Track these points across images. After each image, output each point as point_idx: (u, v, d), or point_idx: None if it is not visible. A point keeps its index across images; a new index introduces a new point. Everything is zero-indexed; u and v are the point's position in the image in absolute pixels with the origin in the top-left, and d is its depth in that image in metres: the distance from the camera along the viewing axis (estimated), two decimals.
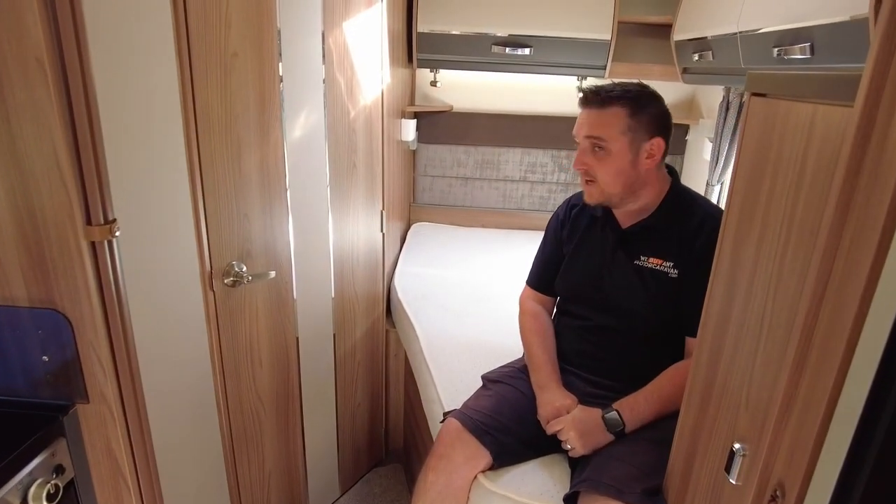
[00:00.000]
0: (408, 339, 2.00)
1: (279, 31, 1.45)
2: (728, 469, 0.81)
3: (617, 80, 1.33)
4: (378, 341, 2.14)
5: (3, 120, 0.74)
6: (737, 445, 0.83)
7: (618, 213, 1.37)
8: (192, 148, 1.27)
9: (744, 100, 2.18)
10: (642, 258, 1.32)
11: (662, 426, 1.23)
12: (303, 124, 1.60)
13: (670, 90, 3.04)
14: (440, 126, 2.92)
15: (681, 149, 2.92)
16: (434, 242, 2.77)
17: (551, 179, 3.01)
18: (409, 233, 2.89)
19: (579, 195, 1.54)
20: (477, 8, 2.50)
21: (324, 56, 1.61)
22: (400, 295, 2.16)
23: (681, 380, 1.23)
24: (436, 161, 2.99)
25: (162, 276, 1.19)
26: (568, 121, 2.92)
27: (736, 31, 1.78)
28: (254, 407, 1.63)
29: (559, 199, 3.02)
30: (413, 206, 3.05)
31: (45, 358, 0.85)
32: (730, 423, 0.88)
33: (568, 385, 1.40)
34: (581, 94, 1.33)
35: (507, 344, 1.79)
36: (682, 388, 1.25)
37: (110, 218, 0.83)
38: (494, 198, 3.06)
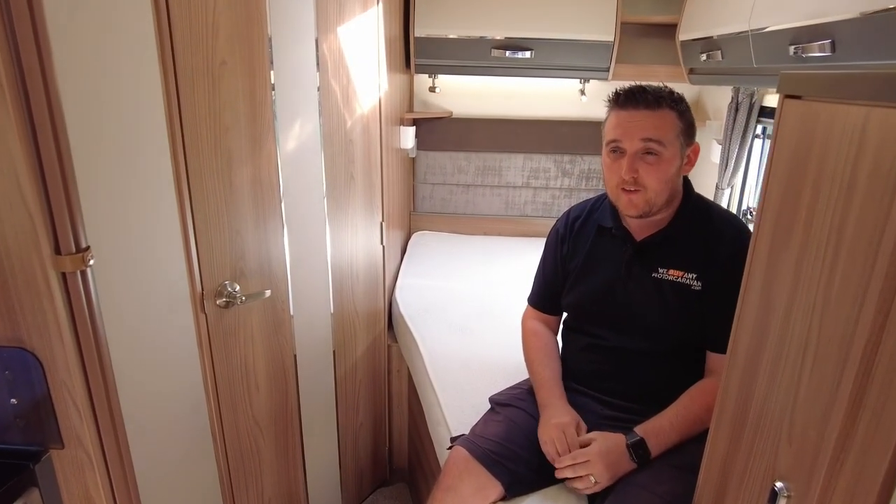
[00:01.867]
0: (411, 356, 1.92)
1: (270, 38, 1.37)
2: None
3: (641, 83, 1.23)
4: (380, 358, 2.06)
5: None
6: (779, 484, 0.75)
7: (633, 223, 1.29)
8: (179, 162, 1.20)
9: (754, 100, 2.11)
10: (661, 270, 1.24)
11: (686, 450, 1.16)
12: (297, 135, 1.52)
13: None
14: (440, 132, 2.85)
15: None
16: (436, 252, 2.70)
17: (554, 185, 2.93)
18: (409, 242, 2.81)
19: (580, 206, 1.46)
20: (476, 11, 2.43)
21: (318, 63, 1.54)
22: (402, 309, 2.08)
23: (707, 401, 1.15)
24: (436, 168, 2.92)
25: (146, 303, 1.11)
26: (570, 125, 2.92)
27: (747, 29, 1.70)
28: (251, 434, 1.54)
29: (563, 204, 2.95)
30: (413, 215, 2.97)
31: (14, 401, 0.77)
32: (769, 457, 0.80)
33: (582, 407, 1.31)
34: (621, 93, 1.21)
35: (513, 360, 1.71)
36: (708, 411, 1.17)
37: (83, 245, 0.75)
38: (497, 205, 2.99)
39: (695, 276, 1.21)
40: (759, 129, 2.22)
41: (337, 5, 1.55)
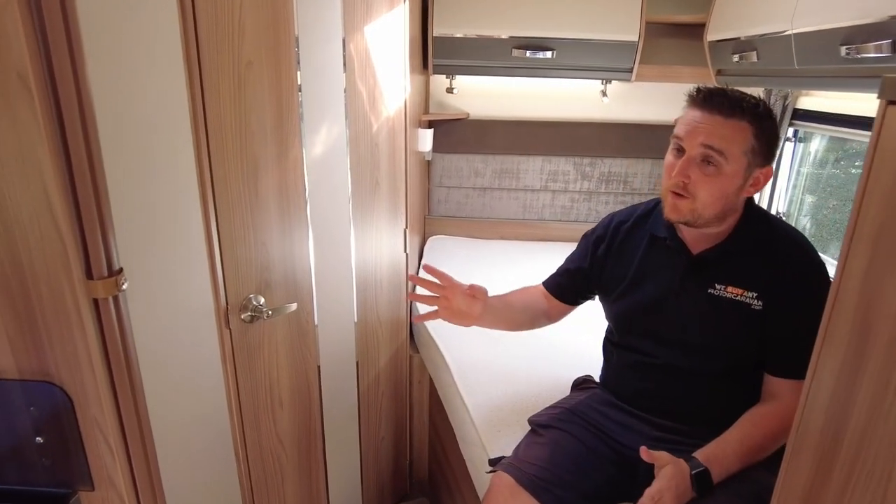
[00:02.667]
0: (436, 368, 1.85)
1: (297, 38, 1.30)
2: None
3: (735, 88, 1.13)
4: (402, 368, 1.99)
5: None
6: None
7: (689, 235, 1.21)
8: (204, 170, 1.13)
9: (787, 102, 2.04)
10: (717, 287, 1.16)
11: (748, 478, 1.08)
12: (323, 140, 1.45)
13: None
14: (456, 134, 2.77)
15: None
16: (454, 257, 2.62)
17: (574, 188, 2.85)
18: (425, 247, 2.74)
19: (626, 212, 1.38)
20: (496, 10, 2.35)
21: (344, 64, 1.46)
22: None
23: (771, 427, 1.08)
24: (452, 171, 2.84)
25: (170, 323, 1.04)
26: (590, 126, 2.84)
27: (789, 29, 1.63)
28: (275, 452, 1.47)
29: (582, 208, 2.88)
30: (428, 219, 2.89)
31: (40, 439, 0.70)
32: (874, 495, 0.72)
33: (628, 427, 1.25)
34: (699, 92, 1.11)
35: (547, 372, 1.64)
36: (771, 438, 1.11)
37: (115, 268, 0.68)
38: (514, 208, 2.91)
39: (755, 294, 1.13)
40: (790, 133, 2.15)
41: (364, 4, 1.48)
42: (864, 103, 1.76)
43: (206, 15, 1.07)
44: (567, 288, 1.43)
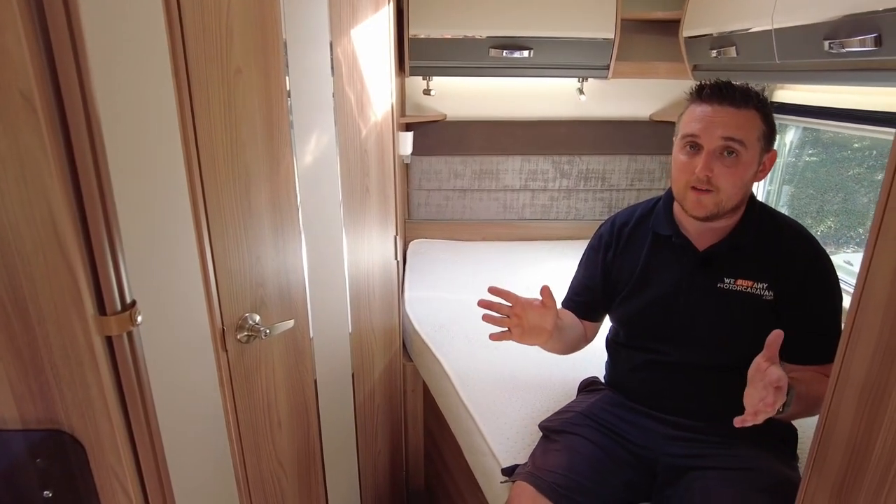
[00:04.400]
0: (434, 377, 1.81)
1: (285, 42, 1.24)
2: None
3: (728, 80, 1.14)
4: (396, 378, 1.94)
5: None
6: None
7: (693, 231, 1.21)
8: (196, 187, 1.06)
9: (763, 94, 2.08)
10: (727, 280, 1.17)
11: (764, 470, 1.09)
12: (313, 148, 1.39)
13: (672, 88, 2.95)
14: (434, 136, 2.74)
15: None
16: (438, 261, 2.59)
17: (553, 187, 2.86)
18: (408, 252, 2.69)
19: (627, 212, 1.37)
20: (472, 10, 2.33)
21: (332, 69, 1.41)
22: (416, 326, 1.97)
23: (824, 389, 1.06)
24: (431, 174, 2.81)
25: (168, 350, 0.97)
26: (568, 125, 2.84)
27: (770, 24, 1.66)
28: (275, 475, 1.41)
29: (562, 206, 2.88)
30: (409, 223, 2.85)
31: (48, 494, 0.63)
32: None
33: (643, 428, 1.24)
34: (703, 88, 1.13)
35: (550, 375, 1.63)
36: (822, 399, 1.08)
37: (128, 301, 0.62)
38: (494, 209, 2.89)
39: (765, 285, 1.14)
40: None
41: (350, 6, 1.43)
42: (840, 95, 1.81)
43: (193, 20, 1.01)
44: (592, 305, 1.38)
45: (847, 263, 1.94)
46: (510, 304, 1.16)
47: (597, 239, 1.39)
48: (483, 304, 1.16)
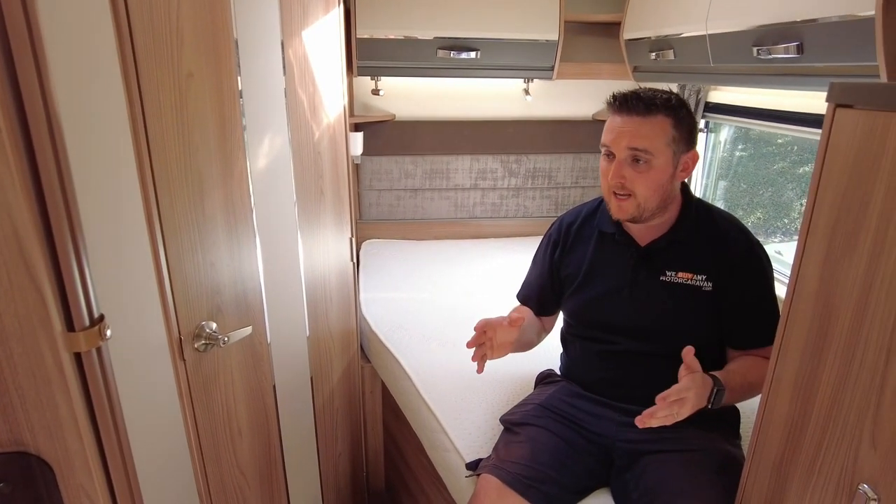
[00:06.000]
0: (393, 377, 1.82)
1: (236, 42, 1.22)
2: None
3: (646, 87, 1.22)
4: (354, 380, 1.94)
5: None
6: (865, 486, 0.76)
7: (635, 228, 1.28)
8: (149, 193, 1.03)
9: (700, 96, 2.20)
10: (669, 273, 1.24)
11: (711, 450, 1.17)
12: (266, 151, 1.37)
13: (614, 88, 2.99)
14: (383, 137, 2.74)
15: None
16: (391, 261, 2.59)
17: (502, 185, 2.92)
18: (360, 252, 2.68)
19: (574, 212, 1.44)
20: (419, 11, 2.35)
21: (284, 70, 1.39)
22: (373, 328, 1.97)
23: (764, 372, 1.15)
24: (381, 174, 2.81)
25: (125, 361, 0.94)
26: (515, 124, 2.90)
27: (704, 30, 1.76)
28: (237, 484, 1.39)
29: (511, 204, 2.95)
30: (360, 223, 2.84)
31: None
32: (843, 461, 0.80)
33: (599, 416, 1.30)
34: (615, 99, 1.20)
35: (507, 370, 1.66)
36: (763, 381, 1.17)
37: (96, 315, 0.60)
38: (446, 208, 2.92)
39: (704, 277, 1.22)
40: (702, 124, 2.32)
41: (301, 6, 1.41)
42: (768, 97, 1.94)
43: (141, 21, 0.98)
44: (545, 301, 1.47)
45: (778, 253, 2.08)
46: (484, 330, 1.22)
47: (546, 239, 1.47)
48: (471, 345, 1.24)
